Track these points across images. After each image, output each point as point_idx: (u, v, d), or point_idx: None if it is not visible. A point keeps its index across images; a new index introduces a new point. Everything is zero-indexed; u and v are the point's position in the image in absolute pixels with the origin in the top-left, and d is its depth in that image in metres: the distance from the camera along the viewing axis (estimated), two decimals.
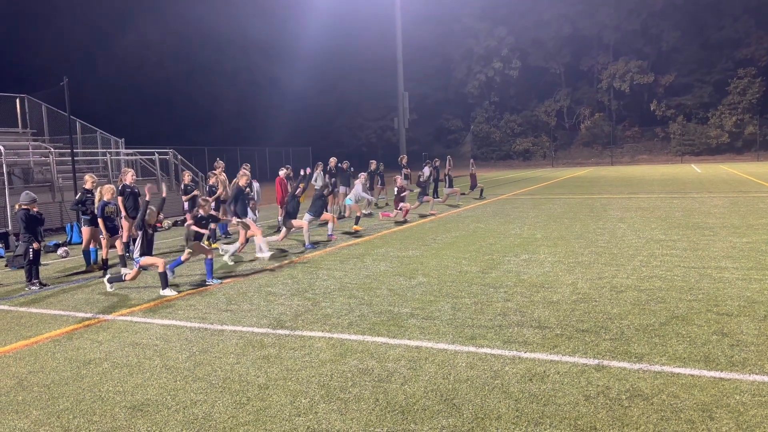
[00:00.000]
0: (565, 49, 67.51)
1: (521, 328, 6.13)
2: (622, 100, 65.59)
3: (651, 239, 11.44)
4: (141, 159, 23.05)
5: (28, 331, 6.85)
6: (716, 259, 9.31)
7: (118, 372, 5.36)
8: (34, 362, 5.75)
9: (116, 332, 6.65)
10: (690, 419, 4.00)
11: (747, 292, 7.21)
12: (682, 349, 5.31)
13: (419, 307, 7.11)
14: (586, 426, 3.97)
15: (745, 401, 4.24)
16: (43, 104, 21.74)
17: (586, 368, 4.97)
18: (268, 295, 8.15)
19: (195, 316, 7.19)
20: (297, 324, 6.63)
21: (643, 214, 15.52)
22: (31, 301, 8.50)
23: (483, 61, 70.09)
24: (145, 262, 8.41)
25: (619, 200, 19.90)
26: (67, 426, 4.31)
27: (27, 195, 9.52)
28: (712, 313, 6.36)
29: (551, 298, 7.27)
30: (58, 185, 18.04)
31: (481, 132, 70.63)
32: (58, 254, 12.80)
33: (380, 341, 5.90)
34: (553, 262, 9.58)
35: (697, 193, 21.49)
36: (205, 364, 5.47)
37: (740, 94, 57.90)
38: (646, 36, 64.10)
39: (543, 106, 69.54)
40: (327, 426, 4.12)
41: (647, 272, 8.53)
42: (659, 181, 29.36)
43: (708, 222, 13.50)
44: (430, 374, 4.98)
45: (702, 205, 17.09)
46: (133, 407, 4.57)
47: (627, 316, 6.38)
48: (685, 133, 59.57)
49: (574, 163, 61.68)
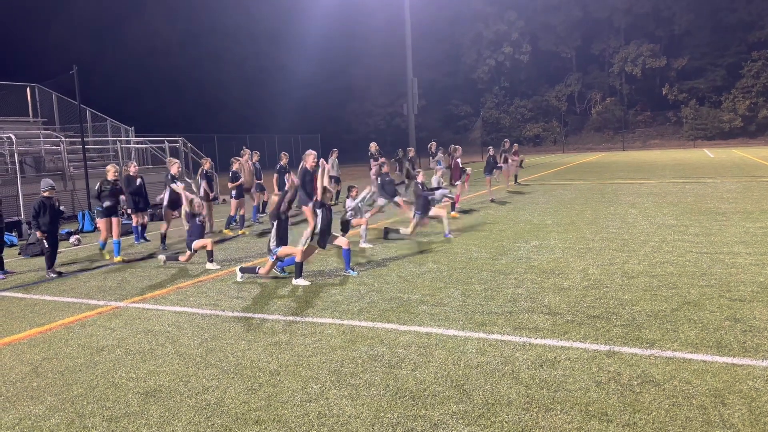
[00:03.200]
0: (576, 33, 66.64)
1: (532, 314, 6.12)
2: (634, 84, 64.79)
3: (663, 225, 11.36)
4: (151, 147, 23.13)
5: (41, 319, 6.93)
6: (729, 244, 9.22)
7: (130, 358, 5.41)
8: (48, 349, 5.81)
9: (129, 319, 6.70)
10: (702, 405, 3.98)
11: (760, 277, 7.14)
12: (694, 335, 5.28)
13: (429, 294, 7.11)
14: (597, 412, 3.96)
15: (758, 387, 4.21)
16: (53, 93, 21.83)
17: (597, 354, 4.95)
18: (278, 282, 8.18)
19: (207, 303, 7.24)
20: (307, 311, 6.66)
21: (654, 200, 15.39)
22: (44, 288, 8.58)
23: (492, 45, 69.39)
24: (282, 252, 8.04)
25: (631, 186, 19.74)
26: (81, 411, 4.36)
27: (45, 181, 9.56)
28: (724, 299, 6.31)
29: (562, 285, 7.25)
30: (70, 174, 18.15)
31: (491, 118, 70.12)
32: (70, 242, 12.90)
33: (390, 328, 5.91)
34: (564, 248, 9.54)
35: (710, 178, 21.28)
36: (217, 350, 5.51)
37: (754, 77, 56.98)
38: (658, 19, 63.12)
39: (554, 91, 68.83)
40: (338, 411, 4.14)
41: (659, 258, 8.47)
42: (671, 166, 29.08)
43: (720, 207, 13.38)
44: (440, 360, 4.98)
45: (714, 190, 16.92)
46: (145, 393, 4.62)
47: (638, 302, 6.35)
48: (697, 118, 58.80)
49: (585, 149, 61.14)
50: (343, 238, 8.52)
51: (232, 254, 10.59)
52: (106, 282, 8.77)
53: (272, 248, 8.04)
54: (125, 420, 4.19)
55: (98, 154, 21.86)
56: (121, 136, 22.53)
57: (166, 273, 9.21)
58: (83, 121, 19.16)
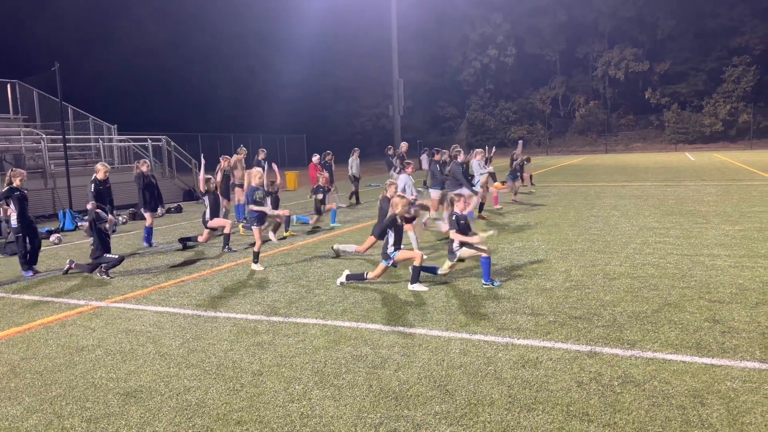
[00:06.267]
0: (561, 36, 67.18)
1: (514, 314, 6.15)
2: (617, 88, 65.47)
3: (644, 227, 11.47)
4: (134, 145, 22.91)
5: (20, 318, 6.83)
6: (709, 246, 9.35)
7: (111, 359, 5.35)
8: (26, 349, 5.73)
9: (109, 319, 6.63)
10: (681, 405, 4.03)
11: (739, 279, 7.24)
12: (674, 336, 5.33)
13: (413, 294, 7.12)
14: (578, 412, 3.99)
15: (736, 387, 4.27)
16: (34, 90, 21.55)
17: (578, 355, 4.99)
18: (262, 282, 8.14)
19: (189, 303, 7.18)
20: (291, 311, 6.63)
21: (636, 202, 15.55)
22: (23, 287, 8.46)
23: (478, 48, 69.74)
24: (400, 257, 7.51)
25: (613, 188, 19.93)
26: (60, 412, 4.31)
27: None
28: (704, 300, 6.39)
29: (545, 285, 7.29)
30: (50, 171, 17.92)
31: (476, 120, 70.44)
32: (51, 241, 12.72)
33: (374, 328, 5.90)
34: (547, 250, 9.60)
35: (691, 181, 21.55)
36: (199, 350, 5.46)
37: (734, 82, 57.85)
38: (641, 23, 63.81)
39: (538, 94, 69.35)
40: (320, 412, 4.13)
41: (640, 259, 8.56)
42: (653, 169, 29.40)
43: (701, 210, 13.55)
44: (423, 361, 4.99)
45: (695, 193, 17.13)
46: (126, 394, 4.57)
47: (620, 303, 6.41)
48: (679, 121, 59.54)
49: (569, 151, 61.62)
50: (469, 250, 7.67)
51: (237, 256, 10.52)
52: (87, 281, 8.67)
53: (390, 253, 7.50)
54: (105, 421, 4.14)
55: (80, 152, 21.61)
56: (103, 134, 22.29)
57: (148, 273, 9.12)
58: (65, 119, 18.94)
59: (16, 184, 9.08)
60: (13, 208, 9.06)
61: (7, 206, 9.15)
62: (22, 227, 9.11)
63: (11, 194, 9.03)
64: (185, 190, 22.59)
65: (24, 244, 9.20)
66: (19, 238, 9.19)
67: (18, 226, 9.09)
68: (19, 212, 9.07)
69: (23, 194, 9.20)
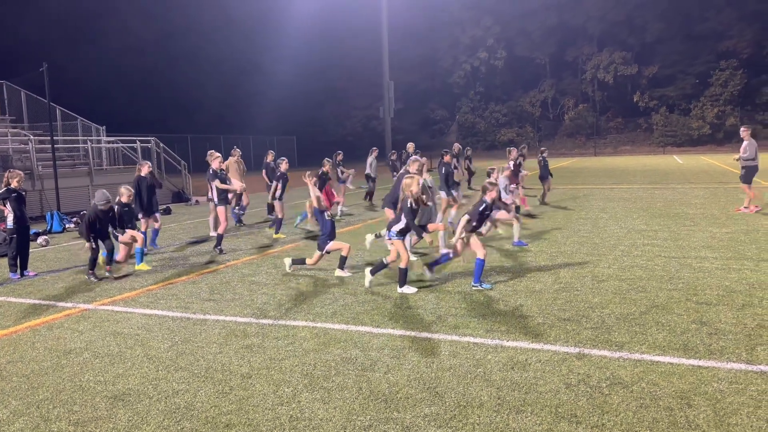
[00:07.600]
0: (551, 40, 67.57)
1: (504, 316, 6.17)
2: (606, 91, 65.95)
3: (632, 229, 11.55)
4: (122, 147, 22.78)
5: (7, 321, 6.76)
6: (696, 249, 9.42)
7: (99, 362, 5.31)
8: (13, 352, 5.68)
9: (97, 322, 6.58)
10: (668, 407, 4.06)
11: (726, 281, 7.31)
12: (661, 338, 5.37)
13: (402, 297, 7.13)
14: (566, 413, 4.01)
15: (723, 389, 4.30)
16: (22, 90, 21.39)
17: (567, 356, 5.02)
18: (251, 284, 8.12)
19: (177, 305, 7.14)
20: (280, 313, 6.62)
21: (625, 205, 15.66)
22: (10, 290, 8.38)
23: (469, 50, 70.05)
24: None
25: (602, 190, 20.05)
26: (47, 416, 4.27)
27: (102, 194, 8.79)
28: (691, 302, 6.45)
29: (533, 288, 7.32)
30: (38, 173, 17.78)
31: (467, 122, 70.69)
32: (39, 243, 12.62)
33: (364, 330, 5.90)
34: (536, 252, 9.64)
35: (679, 183, 21.72)
36: (188, 353, 5.44)
37: (722, 86, 58.41)
38: (630, 27, 64.32)
39: (528, 97, 69.71)
40: (310, 415, 4.12)
41: (628, 262, 8.62)
42: (641, 171, 29.61)
43: (688, 212, 13.66)
44: (413, 363, 5.00)
45: (683, 196, 17.27)
46: (114, 397, 4.54)
47: (608, 305, 6.45)
48: (667, 125, 60.03)
49: (558, 154, 61.88)
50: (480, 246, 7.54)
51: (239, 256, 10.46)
52: (75, 284, 8.60)
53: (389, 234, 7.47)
54: (92, 424, 4.11)
55: (68, 154, 21.45)
56: (92, 135, 22.14)
57: (137, 275, 9.06)
58: (53, 120, 18.80)
59: (13, 185, 9.10)
60: (10, 209, 9.02)
61: (4, 207, 9.10)
62: (17, 229, 9.06)
63: (9, 195, 9.01)
64: (174, 192, 22.49)
65: (16, 246, 9.13)
66: (13, 240, 9.12)
67: (14, 227, 9.03)
68: (17, 213, 9.05)
69: (21, 195, 9.18)
